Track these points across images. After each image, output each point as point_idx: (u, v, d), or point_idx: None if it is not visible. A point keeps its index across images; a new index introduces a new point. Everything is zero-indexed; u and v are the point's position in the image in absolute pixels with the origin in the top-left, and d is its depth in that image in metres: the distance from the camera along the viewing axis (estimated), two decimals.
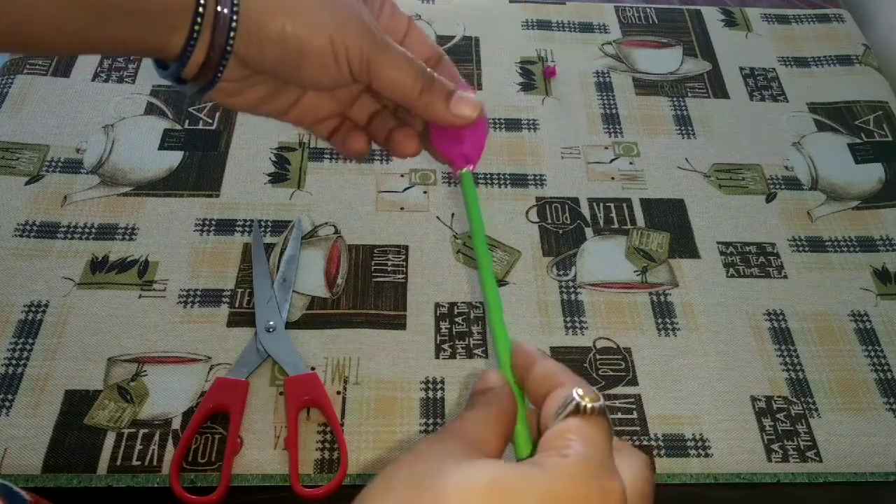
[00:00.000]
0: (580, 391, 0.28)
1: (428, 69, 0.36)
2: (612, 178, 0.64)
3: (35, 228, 0.57)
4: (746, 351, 0.55)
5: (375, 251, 0.58)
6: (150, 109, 0.66)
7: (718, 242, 0.61)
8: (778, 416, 0.52)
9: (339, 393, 0.51)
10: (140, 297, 0.55)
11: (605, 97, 0.70)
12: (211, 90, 0.34)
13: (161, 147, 0.63)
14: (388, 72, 0.35)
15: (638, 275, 0.58)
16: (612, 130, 0.68)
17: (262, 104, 0.38)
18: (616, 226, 0.61)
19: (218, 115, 0.66)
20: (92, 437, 0.48)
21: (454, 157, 0.38)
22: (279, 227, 0.59)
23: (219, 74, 0.33)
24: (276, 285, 0.55)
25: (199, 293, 0.55)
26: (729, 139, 0.68)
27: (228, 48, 0.32)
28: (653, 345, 0.55)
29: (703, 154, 0.67)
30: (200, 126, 0.65)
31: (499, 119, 0.68)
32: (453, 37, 0.75)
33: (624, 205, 0.62)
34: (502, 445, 0.29)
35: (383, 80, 0.35)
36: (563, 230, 0.61)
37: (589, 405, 0.28)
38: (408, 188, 0.62)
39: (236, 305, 0.54)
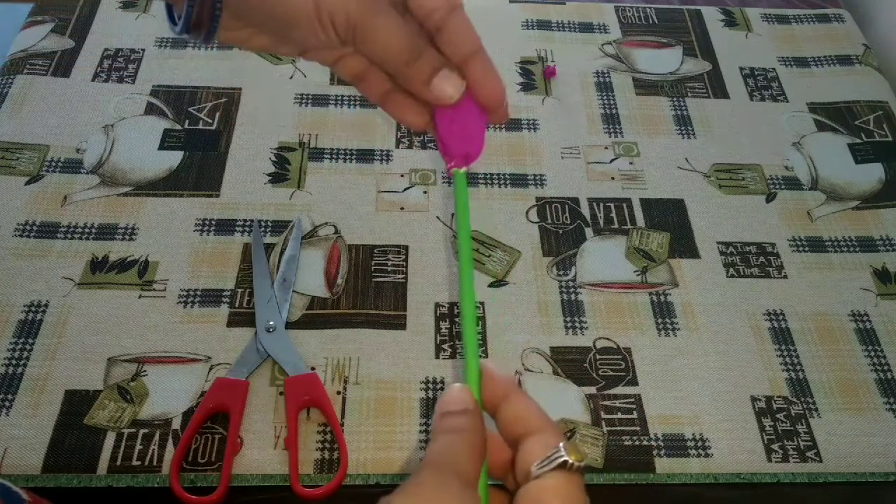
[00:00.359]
0: (566, 446, 0.28)
1: (420, 42, 0.34)
2: (612, 178, 0.64)
3: (35, 228, 0.57)
4: (746, 351, 0.55)
5: (375, 251, 0.58)
6: (150, 109, 0.66)
7: (718, 242, 0.61)
8: (778, 416, 0.52)
9: (339, 393, 0.51)
10: (140, 297, 0.55)
11: (605, 97, 0.70)
12: (211, 40, 0.35)
13: (161, 147, 0.63)
14: (375, 39, 0.34)
15: (638, 275, 0.58)
16: (612, 130, 0.68)
17: (276, 48, 0.37)
18: (616, 226, 0.61)
19: (218, 115, 0.66)
20: (92, 437, 0.48)
21: (452, 150, 0.37)
22: (279, 227, 0.59)
23: (214, 26, 0.34)
24: (276, 285, 0.55)
25: (199, 293, 0.55)
26: (729, 139, 0.68)
27: (217, 8, 0.33)
28: (653, 345, 0.55)
29: (703, 154, 0.67)
30: (200, 126, 0.65)
31: None
32: None
33: (624, 205, 0.63)
34: (479, 473, 0.30)
35: (369, 47, 0.34)
36: (563, 230, 0.61)
37: (575, 464, 0.27)
38: (408, 188, 0.62)
39: (236, 305, 0.54)
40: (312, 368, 0.51)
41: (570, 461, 0.27)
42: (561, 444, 0.28)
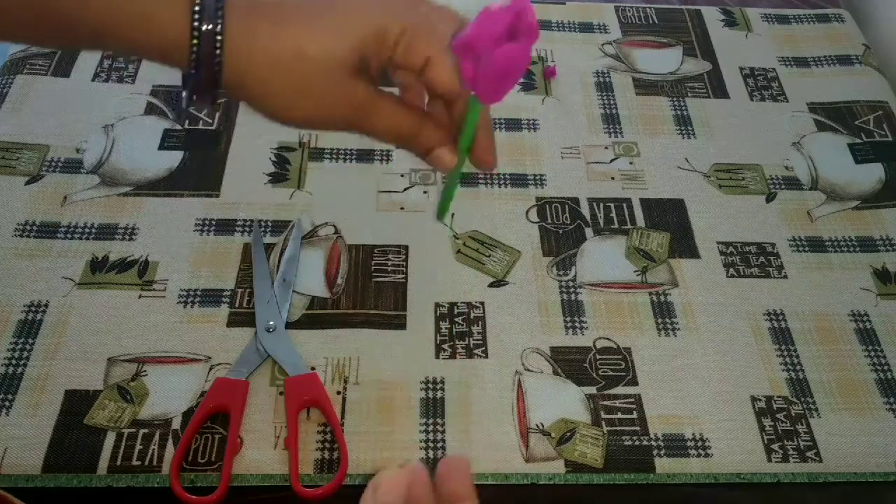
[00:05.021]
0: None
1: (418, 119, 0.39)
2: (612, 178, 0.64)
3: (35, 228, 0.57)
4: (746, 351, 0.55)
5: (375, 251, 0.58)
6: (150, 109, 0.66)
7: (718, 242, 0.61)
8: (778, 416, 0.52)
9: (339, 393, 0.51)
10: (140, 297, 0.55)
11: (605, 97, 0.70)
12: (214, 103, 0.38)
13: (161, 147, 0.63)
14: (375, 127, 0.38)
15: (638, 275, 0.58)
16: (612, 130, 0.68)
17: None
18: (616, 226, 0.61)
19: (218, 115, 0.66)
20: (92, 437, 0.48)
21: (482, 88, 0.37)
22: (279, 227, 0.59)
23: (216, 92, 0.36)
24: (276, 285, 0.55)
25: (199, 293, 0.55)
26: (729, 139, 0.68)
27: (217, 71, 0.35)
28: (653, 345, 0.55)
29: (703, 154, 0.67)
30: (200, 126, 0.65)
31: (499, 119, 0.68)
32: None
33: (624, 205, 0.63)
34: None
35: (372, 132, 0.39)
36: (563, 230, 0.61)
37: None
38: (408, 188, 0.62)
39: (236, 305, 0.54)
40: (312, 368, 0.51)
41: None
42: None
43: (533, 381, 0.52)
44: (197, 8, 0.33)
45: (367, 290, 0.56)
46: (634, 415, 0.51)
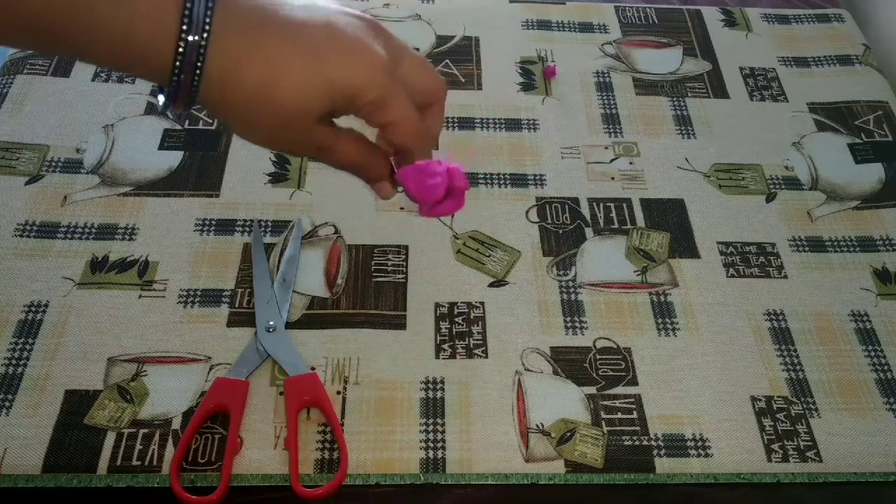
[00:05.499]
0: None
1: (369, 156, 0.42)
2: (612, 178, 0.64)
3: (35, 228, 0.57)
4: (746, 351, 0.55)
5: (375, 251, 0.58)
6: (150, 109, 0.66)
7: (718, 242, 0.61)
8: (778, 416, 0.52)
9: (339, 393, 0.51)
10: (140, 297, 0.55)
11: (605, 97, 0.70)
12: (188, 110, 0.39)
13: (161, 147, 0.63)
14: (333, 159, 0.41)
15: (638, 275, 0.58)
16: (612, 130, 0.68)
17: None
18: (616, 226, 0.61)
19: None
20: (92, 437, 0.48)
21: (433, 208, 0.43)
22: (279, 227, 0.59)
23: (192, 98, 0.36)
24: (276, 285, 0.55)
25: (199, 293, 0.55)
26: (729, 139, 0.68)
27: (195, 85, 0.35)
28: (653, 345, 0.55)
29: (703, 154, 0.67)
30: (200, 126, 0.65)
31: (499, 119, 0.68)
32: (453, 37, 0.75)
33: (624, 205, 0.62)
34: None
35: (328, 162, 0.41)
36: (563, 230, 0.61)
37: None
38: None
39: (236, 305, 0.54)
40: (312, 368, 0.51)
41: None
42: None
43: (533, 381, 0.52)
44: (185, 24, 0.33)
45: (367, 290, 0.56)
46: (634, 415, 0.51)
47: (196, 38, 0.33)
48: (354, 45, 0.37)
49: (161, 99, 0.36)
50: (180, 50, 0.33)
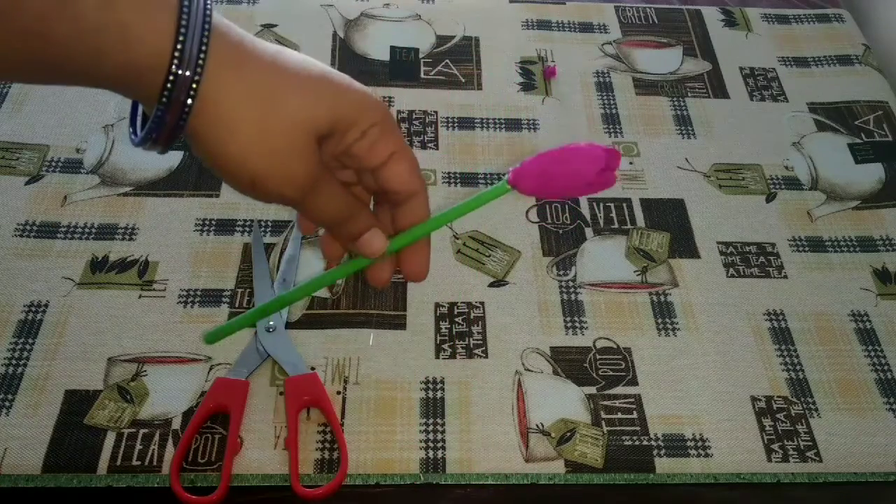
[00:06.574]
0: None
1: (355, 207, 0.38)
2: None
3: (35, 228, 0.57)
4: (746, 351, 0.55)
5: None
6: None
7: (718, 242, 0.61)
8: (778, 416, 0.52)
9: (339, 393, 0.51)
10: (140, 297, 0.55)
11: (605, 97, 0.70)
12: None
13: None
14: (312, 210, 0.37)
15: (638, 275, 0.58)
16: (612, 130, 0.68)
17: None
18: (616, 226, 0.61)
19: None
20: (92, 437, 0.48)
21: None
22: (279, 227, 0.59)
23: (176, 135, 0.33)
24: (276, 285, 0.55)
25: (199, 293, 0.55)
26: (729, 139, 0.68)
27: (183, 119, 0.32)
28: (653, 345, 0.55)
29: (703, 154, 0.67)
30: None
31: (499, 119, 0.68)
32: (453, 37, 0.75)
33: (624, 205, 0.63)
34: None
35: (307, 214, 0.38)
36: (563, 230, 0.61)
37: None
38: None
39: (236, 305, 0.54)
40: (312, 368, 0.52)
41: None
42: None
43: (533, 381, 0.52)
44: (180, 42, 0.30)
45: (367, 290, 0.56)
46: (634, 415, 0.51)
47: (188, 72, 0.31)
48: (352, 81, 0.36)
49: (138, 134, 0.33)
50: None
